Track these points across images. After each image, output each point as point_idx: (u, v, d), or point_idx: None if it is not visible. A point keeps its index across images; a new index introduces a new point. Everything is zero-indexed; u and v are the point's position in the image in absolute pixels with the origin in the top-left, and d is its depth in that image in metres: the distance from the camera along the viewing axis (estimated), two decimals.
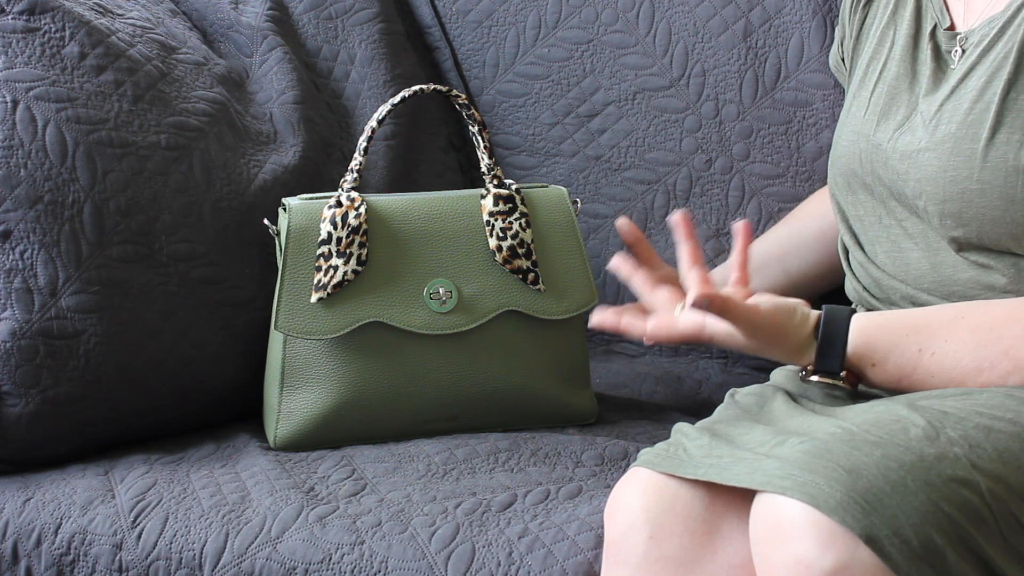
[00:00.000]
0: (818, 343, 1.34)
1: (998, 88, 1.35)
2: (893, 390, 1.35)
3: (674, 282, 1.50)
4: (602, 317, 1.40)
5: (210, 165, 1.65)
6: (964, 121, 1.37)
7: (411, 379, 1.59)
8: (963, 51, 1.42)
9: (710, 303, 1.28)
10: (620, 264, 1.45)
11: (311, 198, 1.60)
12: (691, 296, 1.29)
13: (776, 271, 1.70)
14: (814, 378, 1.35)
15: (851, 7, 1.59)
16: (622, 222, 1.53)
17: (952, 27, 1.45)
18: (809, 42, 1.83)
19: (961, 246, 1.38)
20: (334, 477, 1.51)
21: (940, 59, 1.44)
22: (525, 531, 1.39)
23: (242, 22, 1.85)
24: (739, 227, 1.38)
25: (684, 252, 1.40)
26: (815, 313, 1.36)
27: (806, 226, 1.72)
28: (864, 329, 1.34)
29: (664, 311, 1.40)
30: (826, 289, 1.70)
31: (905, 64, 1.46)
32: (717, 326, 1.35)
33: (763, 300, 1.35)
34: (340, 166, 1.78)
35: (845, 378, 1.34)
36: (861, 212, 1.49)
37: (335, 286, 1.57)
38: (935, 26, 1.46)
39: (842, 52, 1.65)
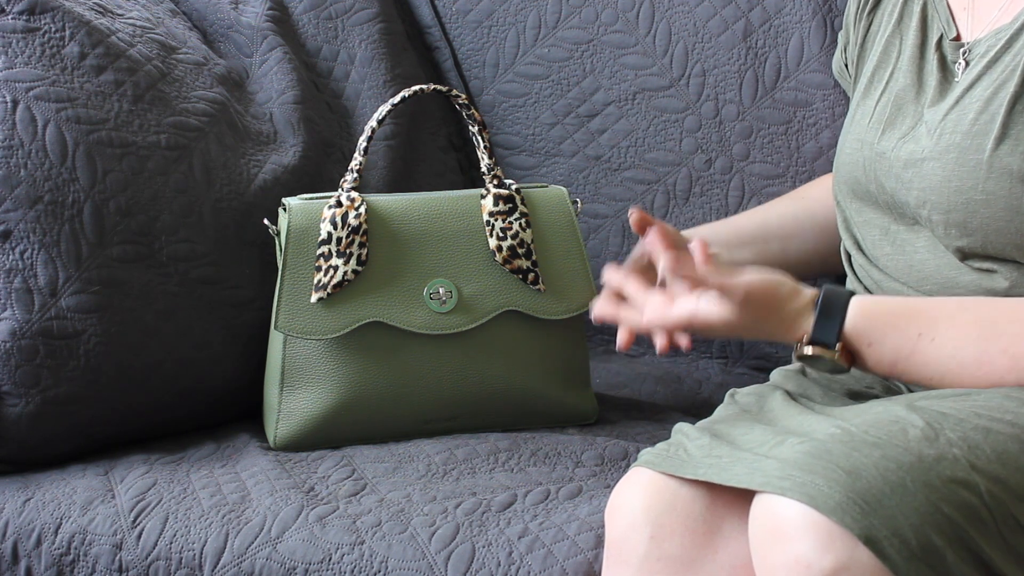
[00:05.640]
0: (816, 312, 1.32)
1: (1004, 99, 1.34)
2: (886, 376, 1.35)
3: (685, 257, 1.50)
4: (601, 311, 1.39)
5: (210, 165, 1.65)
6: (969, 131, 1.36)
7: (411, 379, 1.59)
8: (967, 63, 1.41)
9: (692, 284, 1.29)
10: (611, 275, 1.42)
11: (311, 198, 1.60)
12: (663, 265, 1.29)
13: (775, 248, 1.68)
14: (808, 350, 1.32)
15: (856, 13, 1.58)
16: (635, 217, 1.49)
17: (958, 37, 1.45)
18: (809, 42, 1.83)
19: (966, 255, 1.38)
20: (334, 477, 1.51)
21: (946, 70, 1.44)
22: (525, 531, 1.39)
23: (242, 22, 1.85)
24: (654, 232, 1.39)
25: (662, 261, 1.37)
26: (809, 289, 1.35)
27: (813, 212, 1.70)
28: (864, 308, 1.32)
29: (655, 303, 1.37)
30: (815, 274, 1.70)
31: (912, 74, 1.46)
32: (709, 310, 1.32)
33: (747, 272, 1.33)
34: (340, 166, 1.78)
35: (840, 353, 1.32)
36: (865, 218, 1.49)
37: (335, 286, 1.57)
38: (941, 36, 1.45)
39: (845, 58, 1.64)
